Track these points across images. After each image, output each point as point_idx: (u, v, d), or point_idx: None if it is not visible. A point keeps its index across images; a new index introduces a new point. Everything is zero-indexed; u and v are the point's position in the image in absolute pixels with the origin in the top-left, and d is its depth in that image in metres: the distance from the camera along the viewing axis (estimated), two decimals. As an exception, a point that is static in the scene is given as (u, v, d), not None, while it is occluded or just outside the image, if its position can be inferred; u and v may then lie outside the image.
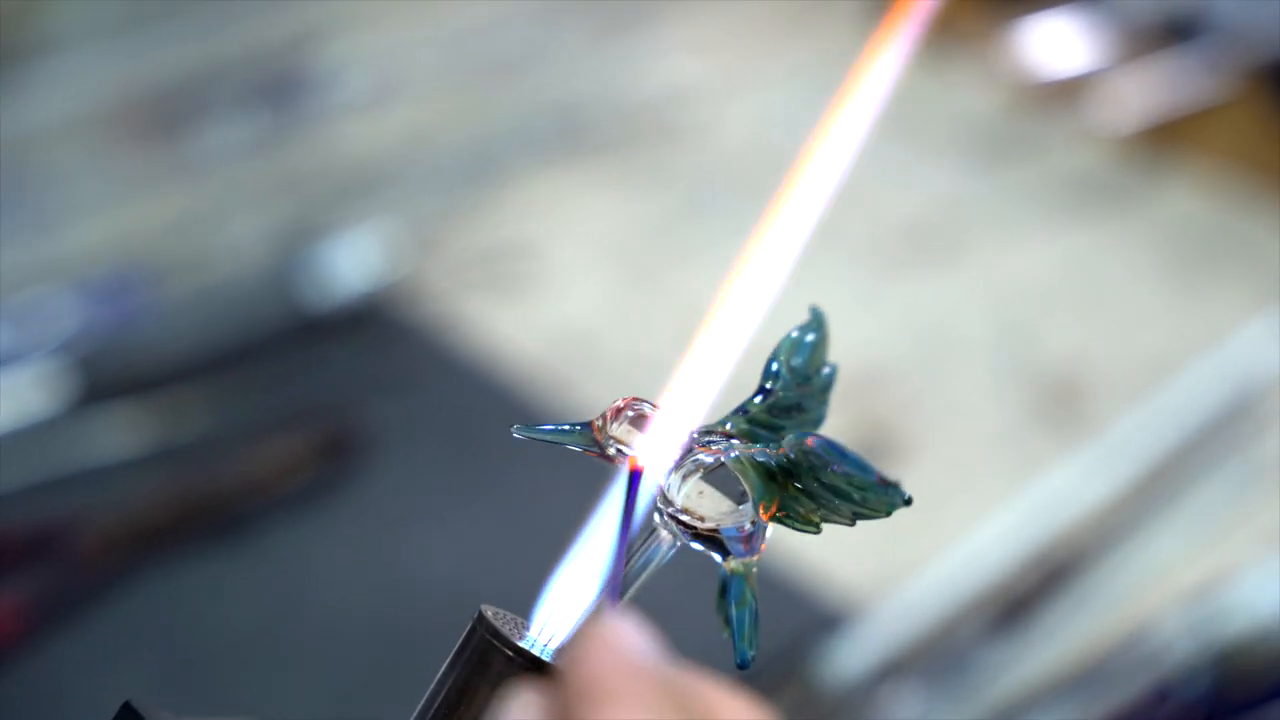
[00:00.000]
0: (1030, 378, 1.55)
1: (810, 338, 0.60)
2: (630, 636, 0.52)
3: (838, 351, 0.61)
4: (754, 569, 0.58)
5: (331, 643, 1.27)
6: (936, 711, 1.23)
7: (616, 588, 0.57)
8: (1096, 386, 1.54)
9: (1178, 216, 1.77)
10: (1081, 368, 1.56)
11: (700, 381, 0.58)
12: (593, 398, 1.49)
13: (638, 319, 1.62)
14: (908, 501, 0.55)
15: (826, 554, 1.31)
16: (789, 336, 0.60)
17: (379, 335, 1.57)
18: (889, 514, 0.56)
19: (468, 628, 0.58)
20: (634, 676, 0.50)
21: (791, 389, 0.60)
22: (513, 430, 0.60)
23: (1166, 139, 1.83)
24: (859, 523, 0.56)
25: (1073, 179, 1.81)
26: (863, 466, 0.55)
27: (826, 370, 0.61)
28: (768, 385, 0.60)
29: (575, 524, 0.59)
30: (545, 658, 0.56)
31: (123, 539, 1.32)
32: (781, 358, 0.60)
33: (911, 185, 1.78)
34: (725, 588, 0.58)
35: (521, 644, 0.57)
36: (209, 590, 1.31)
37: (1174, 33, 1.83)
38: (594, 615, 0.55)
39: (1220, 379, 1.49)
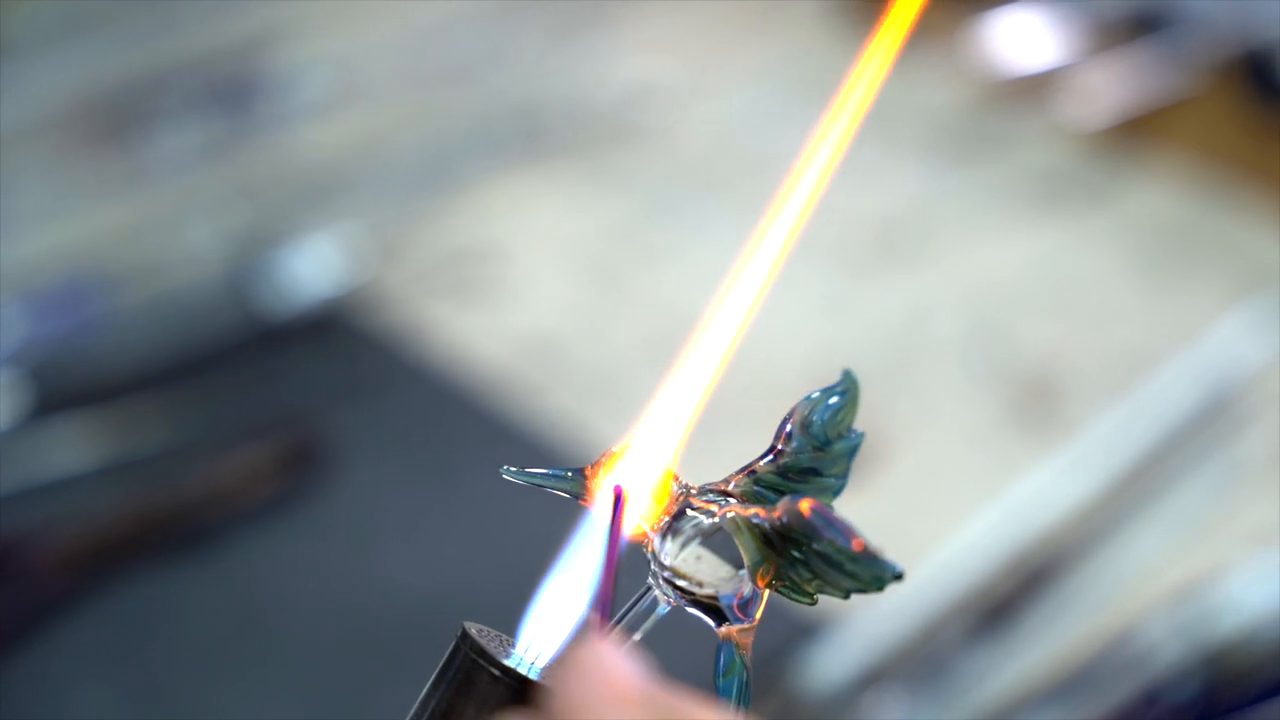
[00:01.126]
0: (1005, 377, 1.53)
1: (834, 400, 0.55)
2: (615, 660, 0.49)
3: (805, 353, 0.59)
4: (749, 636, 0.55)
5: (299, 657, 1.25)
6: (920, 718, 1.20)
7: (606, 610, 0.54)
8: (1072, 385, 1.52)
9: (1149, 211, 1.75)
10: (1057, 366, 1.54)
11: (682, 413, 0.56)
12: (561, 404, 1.47)
13: (604, 323, 1.59)
14: (898, 576, 0.51)
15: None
16: (810, 395, 0.56)
17: (341, 343, 1.54)
18: (881, 589, 0.52)
19: (451, 646, 0.55)
20: (618, 701, 0.48)
21: (806, 452, 0.56)
22: (502, 471, 0.57)
23: (1136, 134, 1.81)
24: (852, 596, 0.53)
25: (1042, 175, 1.79)
26: (844, 534, 0.51)
27: (851, 436, 0.56)
28: (778, 445, 0.56)
29: (545, 534, 0.57)
30: (533, 676, 0.54)
31: (82, 554, 1.29)
32: (798, 418, 0.56)
33: (879, 184, 1.76)
34: (717, 655, 0.55)
35: (508, 662, 0.54)
36: (172, 606, 1.28)
37: (1142, 26, 1.82)
38: (578, 638, 0.52)
39: (1198, 375, 1.47)
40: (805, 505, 0.52)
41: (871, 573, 0.51)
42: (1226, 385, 1.45)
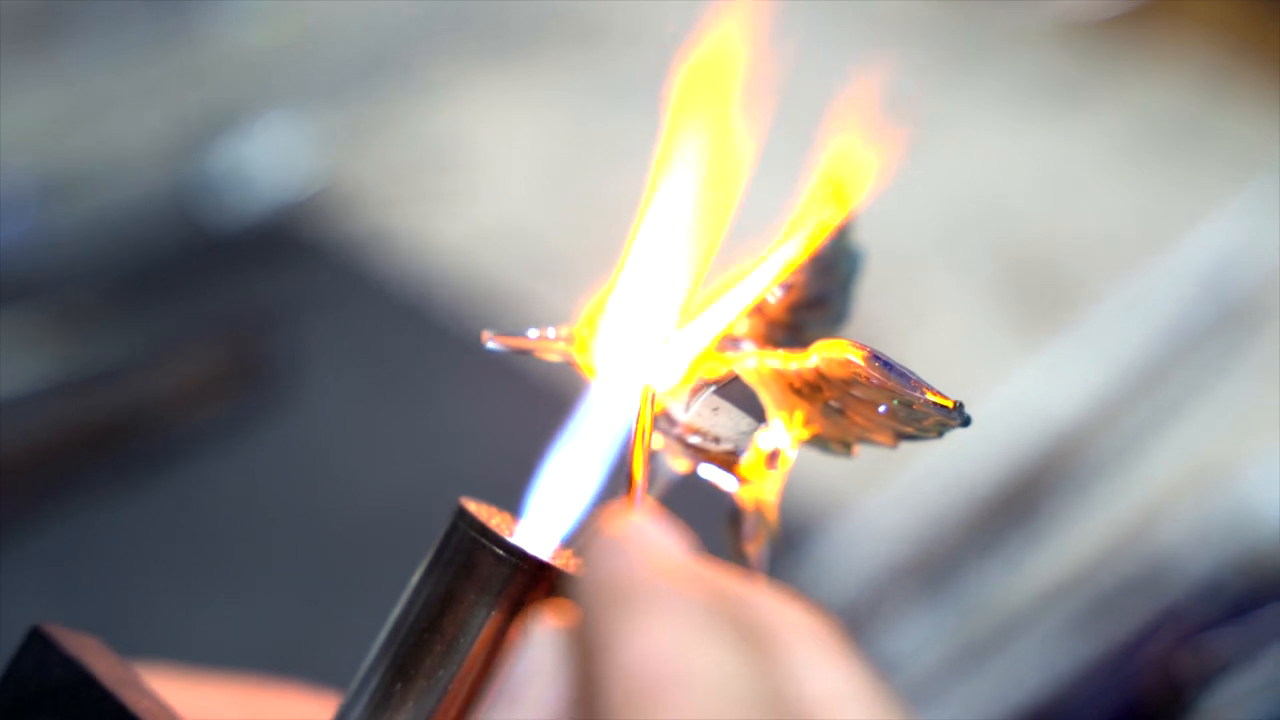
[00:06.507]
0: (1007, 270, 1.46)
1: (838, 218, 0.51)
2: (651, 533, 0.42)
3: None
4: (773, 496, 0.49)
5: (262, 572, 1.18)
6: (924, 633, 1.12)
7: (635, 487, 0.47)
8: (1076, 277, 1.46)
9: (1152, 102, 1.68)
10: (1059, 258, 1.47)
11: (691, 281, 0.49)
12: (529, 309, 1.39)
13: (575, 228, 1.51)
14: (966, 422, 0.46)
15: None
16: (814, 218, 0.51)
17: (296, 251, 1.46)
18: (941, 435, 0.47)
19: (448, 524, 0.47)
20: (666, 576, 0.40)
21: (815, 280, 0.51)
22: (486, 341, 0.50)
23: (1139, 23, 1.73)
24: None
25: (1043, 67, 1.72)
26: (909, 381, 0.46)
27: (854, 256, 0.52)
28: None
29: (514, 441, 0.54)
30: (544, 558, 0.46)
31: (26, 473, 1.21)
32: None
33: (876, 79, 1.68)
34: (738, 521, 0.49)
35: (513, 541, 0.46)
36: (125, 523, 1.20)
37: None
38: (608, 511, 0.45)
39: (1203, 260, 1.39)
40: (853, 351, 0.46)
41: (938, 420, 0.46)
42: (1236, 269, 1.38)
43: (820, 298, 0.52)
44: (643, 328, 0.49)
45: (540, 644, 0.42)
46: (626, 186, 1.54)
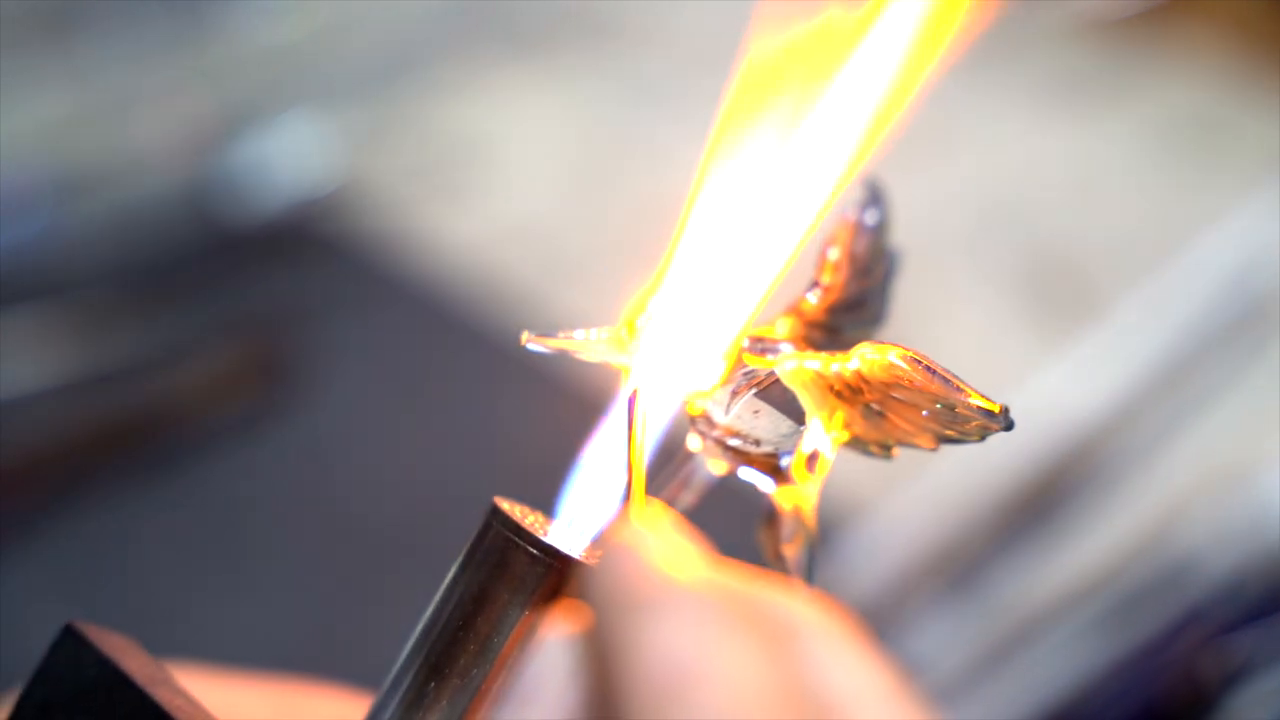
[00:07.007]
0: (1029, 270, 1.45)
1: (873, 219, 0.51)
2: (661, 537, 0.42)
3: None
4: (812, 500, 0.49)
5: (278, 573, 1.17)
6: (947, 633, 1.12)
7: (642, 487, 0.47)
8: (1097, 277, 1.45)
9: (1171, 103, 1.68)
10: (1081, 259, 1.47)
11: (728, 282, 0.49)
12: (547, 306, 1.39)
13: (593, 224, 1.50)
14: (1009, 426, 0.46)
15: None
16: (848, 219, 0.51)
17: (312, 249, 1.46)
18: (983, 439, 0.47)
19: (481, 523, 0.47)
20: (678, 578, 0.41)
21: (853, 282, 0.51)
22: (524, 340, 0.50)
23: (1158, 23, 1.73)
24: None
25: (1062, 69, 1.71)
26: (954, 385, 0.46)
27: (890, 258, 0.52)
28: (824, 280, 0.51)
29: (535, 437, 0.49)
30: (575, 555, 0.46)
31: (41, 472, 1.20)
32: (841, 245, 0.51)
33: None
34: (775, 524, 0.49)
35: (547, 541, 0.46)
36: (140, 523, 1.19)
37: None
38: (616, 520, 0.45)
39: (1225, 260, 1.39)
40: (896, 354, 0.46)
41: (980, 424, 0.46)
42: (1257, 269, 1.37)
43: (858, 300, 0.52)
44: (683, 329, 0.49)
45: (555, 646, 0.42)
46: (643, 184, 1.55)
